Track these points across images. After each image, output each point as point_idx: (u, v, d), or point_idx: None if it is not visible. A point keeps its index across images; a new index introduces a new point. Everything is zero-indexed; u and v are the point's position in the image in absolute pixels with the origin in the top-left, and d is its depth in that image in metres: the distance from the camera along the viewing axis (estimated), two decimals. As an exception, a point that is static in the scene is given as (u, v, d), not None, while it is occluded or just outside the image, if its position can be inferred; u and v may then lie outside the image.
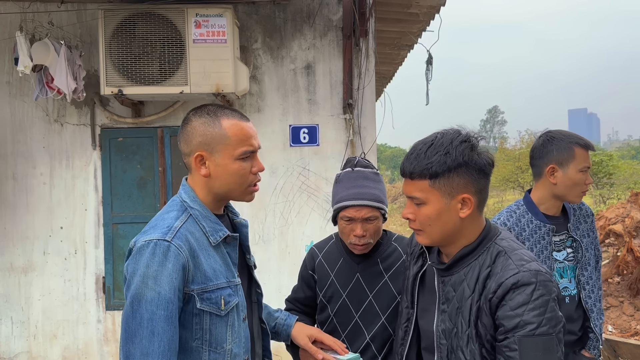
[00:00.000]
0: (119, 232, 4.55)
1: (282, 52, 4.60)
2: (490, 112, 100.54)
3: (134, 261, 1.48)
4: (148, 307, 1.43)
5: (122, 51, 3.99)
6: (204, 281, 1.52)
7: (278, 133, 4.60)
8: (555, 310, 1.42)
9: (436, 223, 1.50)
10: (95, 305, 4.54)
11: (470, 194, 1.49)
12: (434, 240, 1.55)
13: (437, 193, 1.48)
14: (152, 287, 1.43)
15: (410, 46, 6.08)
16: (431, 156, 1.47)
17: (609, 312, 8.15)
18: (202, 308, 1.51)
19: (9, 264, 4.52)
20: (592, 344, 2.48)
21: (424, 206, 1.50)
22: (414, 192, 1.51)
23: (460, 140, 1.48)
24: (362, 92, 4.54)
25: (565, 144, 2.32)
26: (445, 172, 1.46)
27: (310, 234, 4.58)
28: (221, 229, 1.61)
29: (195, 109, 1.64)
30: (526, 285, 1.41)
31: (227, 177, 1.59)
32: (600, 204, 20.21)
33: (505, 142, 44.94)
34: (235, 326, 1.59)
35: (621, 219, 8.25)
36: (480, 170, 1.49)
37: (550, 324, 1.39)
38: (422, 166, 1.47)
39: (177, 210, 1.59)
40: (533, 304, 1.40)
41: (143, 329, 1.43)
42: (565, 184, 2.31)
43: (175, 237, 1.49)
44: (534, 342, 1.38)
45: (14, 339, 4.52)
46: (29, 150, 4.55)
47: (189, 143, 1.60)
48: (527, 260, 1.46)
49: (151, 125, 4.54)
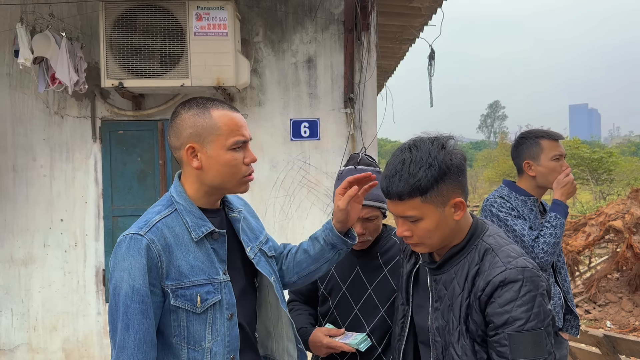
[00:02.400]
0: (119, 225, 4.55)
1: (284, 45, 4.59)
2: (491, 107, 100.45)
3: (114, 255, 1.52)
4: (124, 301, 1.46)
5: (122, 43, 3.98)
6: (178, 277, 1.51)
7: (279, 127, 4.59)
8: (543, 305, 1.45)
9: (436, 234, 1.53)
10: (95, 298, 4.55)
11: (460, 196, 1.52)
12: (434, 248, 1.58)
13: (430, 206, 1.49)
14: (127, 280, 1.46)
15: (412, 40, 6.06)
16: (416, 173, 1.46)
17: (607, 308, 8.18)
18: (177, 304, 1.51)
19: (9, 256, 4.52)
20: (569, 324, 2.62)
21: (421, 221, 1.51)
22: (407, 211, 1.50)
23: (437, 149, 1.49)
24: (363, 86, 4.53)
25: (533, 140, 2.62)
26: (434, 184, 1.47)
27: (311, 229, 4.58)
28: (205, 224, 1.59)
29: (184, 103, 1.62)
30: (513, 282, 1.44)
31: (219, 168, 1.57)
32: (600, 200, 20.22)
33: (505, 137, 44.92)
34: (216, 324, 1.56)
35: (621, 215, 8.26)
36: (460, 171, 1.52)
37: (539, 319, 1.43)
38: (410, 185, 1.47)
39: (161, 205, 1.60)
40: (521, 300, 1.43)
41: (120, 322, 1.46)
42: (543, 173, 2.60)
43: (149, 231, 1.51)
44: (523, 337, 1.42)
45: (14, 330, 4.53)
46: (29, 142, 4.54)
47: (179, 136, 1.58)
48: (514, 257, 1.49)
49: (152, 118, 4.53)
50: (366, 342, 2.01)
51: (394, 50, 6.50)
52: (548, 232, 2.46)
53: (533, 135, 2.65)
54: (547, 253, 2.42)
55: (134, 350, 1.45)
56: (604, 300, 8.30)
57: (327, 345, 2.02)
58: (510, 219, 2.51)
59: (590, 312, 8.07)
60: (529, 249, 2.44)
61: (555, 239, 2.45)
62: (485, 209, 2.63)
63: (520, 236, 2.47)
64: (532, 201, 2.62)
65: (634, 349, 3.40)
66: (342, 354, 2.07)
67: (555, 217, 2.50)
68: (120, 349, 1.46)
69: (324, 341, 2.02)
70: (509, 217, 2.52)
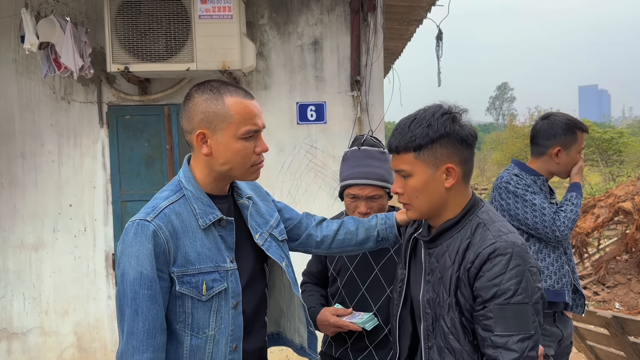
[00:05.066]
0: (127, 210, 4.57)
1: (289, 27, 4.54)
2: (500, 89, 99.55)
3: (121, 241, 1.51)
4: (132, 287, 1.45)
5: (127, 28, 3.96)
6: (185, 264, 1.50)
7: (285, 110, 4.57)
8: (532, 281, 1.44)
9: (422, 194, 1.55)
10: (105, 282, 4.60)
11: (454, 164, 1.53)
12: (422, 213, 1.60)
13: (422, 164, 1.52)
14: (135, 266, 1.45)
15: (419, 21, 5.98)
16: (414, 129, 1.52)
17: (616, 290, 8.16)
18: (182, 291, 1.50)
19: (19, 242, 4.57)
20: (574, 303, 2.65)
21: (411, 178, 1.55)
22: (400, 165, 1.56)
23: (442, 113, 1.53)
24: (370, 68, 4.49)
25: (570, 129, 2.60)
26: (429, 143, 1.51)
27: (318, 212, 4.54)
28: (212, 212, 1.57)
29: (198, 85, 1.58)
30: (502, 255, 1.44)
31: (228, 156, 1.55)
32: (610, 181, 20.08)
33: (514, 119, 44.56)
34: (221, 312, 1.55)
35: (631, 197, 8.20)
36: (462, 141, 1.53)
37: (526, 294, 1.42)
38: (406, 140, 1.53)
39: (169, 190, 1.58)
40: (509, 274, 1.43)
41: (128, 308, 1.46)
42: (567, 163, 2.63)
43: (156, 217, 1.49)
44: (509, 310, 1.42)
45: (26, 314, 4.60)
46: (37, 128, 4.56)
47: (191, 120, 1.56)
48: (505, 232, 1.49)
49: (158, 102, 4.52)
50: (372, 321, 2.04)
51: (401, 31, 6.41)
52: (569, 208, 2.54)
53: (571, 123, 2.62)
54: (567, 227, 2.49)
55: (144, 335, 1.45)
56: (612, 282, 8.28)
57: (334, 324, 2.05)
58: (529, 195, 2.55)
59: (599, 294, 8.07)
60: (550, 221, 2.49)
61: (575, 216, 2.53)
62: (499, 187, 2.62)
63: (540, 209, 2.50)
64: (541, 181, 2.64)
65: (643, 330, 3.40)
66: (350, 333, 2.11)
67: (576, 197, 2.59)
68: (130, 334, 1.45)
69: (331, 320, 2.05)
70: (527, 193, 2.55)
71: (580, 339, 4.20)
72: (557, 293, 2.55)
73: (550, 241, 2.54)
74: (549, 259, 2.57)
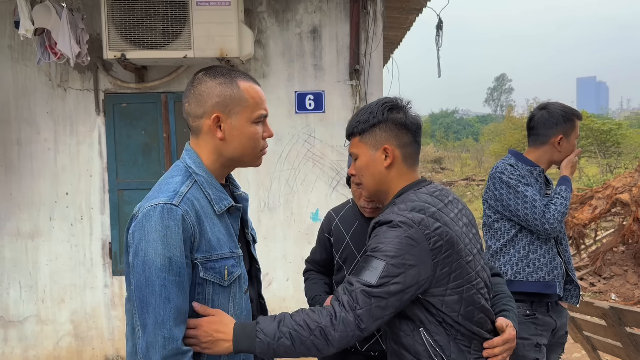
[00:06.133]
0: (124, 199, 4.55)
1: (288, 15, 4.50)
2: (498, 80, 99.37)
3: (140, 227, 1.42)
4: (159, 273, 1.38)
5: (124, 14, 3.91)
6: (208, 250, 1.48)
7: (283, 99, 4.53)
8: (400, 248, 1.51)
9: (366, 172, 1.73)
10: (102, 271, 4.58)
11: (392, 146, 1.69)
12: (370, 191, 1.77)
13: (364, 146, 1.72)
14: (162, 252, 1.38)
15: (419, 10, 5.92)
16: (360, 117, 1.74)
17: (612, 281, 8.19)
18: (205, 277, 1.47)
19: (15, 230, 4.54)
20: (569, 293, 2.68)
21: (358, 160, 1.75)
22: (351, 148, 1.78)
23: (382, 102, 1.73)
24: (369, 57, 4.45)
25: (569, 116, 2.65)
26: (369, 127, 1.71)
27: (316, 202, 4.57)
28: (226, 198, 1.57)
29: (206, 70, 1.57)
30: (385, 223, 1.57)
31: (242, 140, 1.55)
32: (607, 173, 20.11)
33: (512, 110, 44.52)
34: (237, 298, 1.55)
35: (628, 188, 8.21)
36: (400, 126, 1.70)
37: (389, 253, 1.51)
38: (353, 125, 1.75)
39: (181, 176, 1.53)
40: (383, 235, 1.55)
41: (155, 297, 1.38)
42: (567, 150, 2.67)
43: (182, 201, 1.44)
44: (366, 260, 1.54)
45: (22, 302, 4.58)
46: (33, 115, 4.52)
47: (203, 104, 1.53)
48: (403, 209, 1.58)
49: (155, 90, 4.48)
50: None
51: (400, 20, 6.35)
52: (559, 201, 2.54)
53: (569, 111, 2.66)
54: (557, 220, 2.50)
55: (173, 324, 1.39)
56: (609, 273, 8.30)
57: None
58: (521, 186, 2.55)
59: (595, 285, 8.09)
60: (540, 214, 2.49)
61: (565, 209, 2.53)
62: (494, 177, 2.62)
63: (531, 202, 2.51)
64: (537, 172, 2.65)
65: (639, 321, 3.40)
66: None
67: (565, 190, 2.59)
68: (159, 325, 1.38)
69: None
70: (520, 184, 2.55)
71: (577, 329, 4.21)
72: (547, 285, 2.55)
73: (540, 233, 2.54)
74: (541, 250, 2.57)
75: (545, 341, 2.56)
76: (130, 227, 1.48)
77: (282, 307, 4.30)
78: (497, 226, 2.64)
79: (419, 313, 1.58)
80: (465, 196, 19.09)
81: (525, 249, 2.58)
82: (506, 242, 2.60)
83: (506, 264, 2.59)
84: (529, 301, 2.56)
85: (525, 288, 2.55)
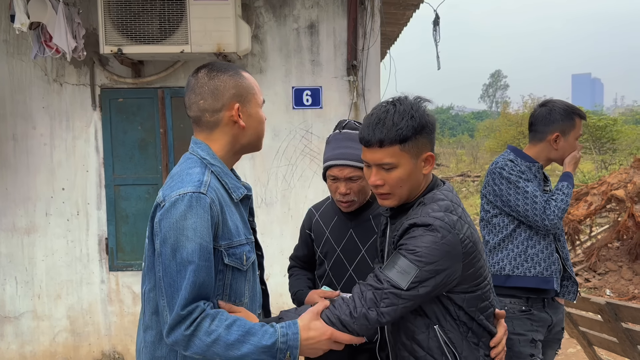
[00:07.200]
0: (120, 194, 4.53)
1: (285, 10, 4.48)
2: (493, 76, 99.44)
3: (168, 215, 1.45)
4: (190, 259, 1.42)
5: (121, 9, 3.89)
6: (230, 237, 1.54)
7: (280, 95, 4.52)
8: (436, 255, 1.48)
9: (407, 184, 1.61)
10: (98, 266, 4.57)
11: (431, 151, 1.63)
12: (402, 201, 1.66)
13: (406, 155, 1.58)
14: (193, 238, 1.43)
15: (416, 5, 5.92)
16: (399, 122, 1.56)
17: (607, 277, 8.23)
18: (229, 263, 1.54)
19: (11, 225, 4.52)
20: (566, 289, 2.68)
21: (395, 170, 1.59)
22: (384, 158, 1.59)
23: (418, 104, 1.61)
24: (367, 53, 4.44)
25: (569, 115, 2.64)
26: (414, 134, 1.57)
27: (313, 198, 4.56)
28: (240, 187, 1.65)
29: (210, 66, 1.63)
30: (423, 226, 1.52)
31: (257, 125, 1.66)
32: (602, 169, 20.19)
33: (507, 106, 44.57)
34: (251, 281, 1.63)
35: (623, 185, 8.24)
36: (433, 129, 1.63)
37: (424, 260, 1.48)
38: (392, 133, 1.56)
39: (200, 167, 1.57)
40: (420, 239, 1.50)
41: (186, 280, 1.42)
42: (565, 149, 2.66)
43: (208, 190, 1.50)
44: (399, 259, 1.50)
45: (18, 298, 4.57)
46: (29, 110, 4.49)
47: (220, 97, 1.59)
48: (437, 210, 1.56)
49: (152, 85, 4.46)
50: None
51: (397, 16, 6.34)
52: (560, 197, 2.55)
53: (569, 109, 2.66)
54: (557, 216, 2.50)
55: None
56: (604, 269, 8.35)
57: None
58: (522, 182, 2.55)
59: (590, 281, 8.13)
60: (541, 209, 2.50)
61: (566, 205, 2.54)
62: (493, 172, 2.62)
63: (532, 197, 2.51)
64: (536, 168, 2.65)
65: (636, 316, 3.42)
66: None
67: (567, 186, 2.60)
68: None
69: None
70: (520, 180, 2.56)
71: (573, 325, 4.23)
72: (545, 280, 2.56)
73: (539, 229, 2.54)
74: (539, 245, 2.58)
75: (541, 337, 2.58)
76: (155, 215, 1.51)
77: (280, 303, 4.30)
78: (495, 221, 2.64)
79: (435, 310, 1.60)
80: (460, 192, 19.12)
81: (523, 244, 2.58)
82: (505, 237, 2.61)
83: (504, 259, 2.60)
84: (525, 297, 2.57)
85: (523, 283, 2.57)
